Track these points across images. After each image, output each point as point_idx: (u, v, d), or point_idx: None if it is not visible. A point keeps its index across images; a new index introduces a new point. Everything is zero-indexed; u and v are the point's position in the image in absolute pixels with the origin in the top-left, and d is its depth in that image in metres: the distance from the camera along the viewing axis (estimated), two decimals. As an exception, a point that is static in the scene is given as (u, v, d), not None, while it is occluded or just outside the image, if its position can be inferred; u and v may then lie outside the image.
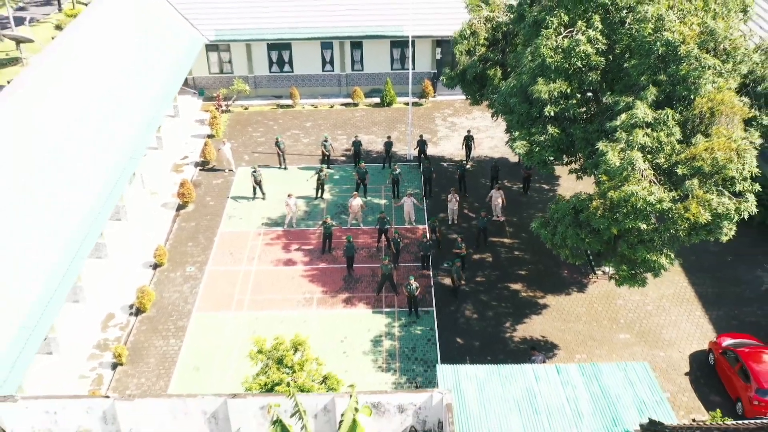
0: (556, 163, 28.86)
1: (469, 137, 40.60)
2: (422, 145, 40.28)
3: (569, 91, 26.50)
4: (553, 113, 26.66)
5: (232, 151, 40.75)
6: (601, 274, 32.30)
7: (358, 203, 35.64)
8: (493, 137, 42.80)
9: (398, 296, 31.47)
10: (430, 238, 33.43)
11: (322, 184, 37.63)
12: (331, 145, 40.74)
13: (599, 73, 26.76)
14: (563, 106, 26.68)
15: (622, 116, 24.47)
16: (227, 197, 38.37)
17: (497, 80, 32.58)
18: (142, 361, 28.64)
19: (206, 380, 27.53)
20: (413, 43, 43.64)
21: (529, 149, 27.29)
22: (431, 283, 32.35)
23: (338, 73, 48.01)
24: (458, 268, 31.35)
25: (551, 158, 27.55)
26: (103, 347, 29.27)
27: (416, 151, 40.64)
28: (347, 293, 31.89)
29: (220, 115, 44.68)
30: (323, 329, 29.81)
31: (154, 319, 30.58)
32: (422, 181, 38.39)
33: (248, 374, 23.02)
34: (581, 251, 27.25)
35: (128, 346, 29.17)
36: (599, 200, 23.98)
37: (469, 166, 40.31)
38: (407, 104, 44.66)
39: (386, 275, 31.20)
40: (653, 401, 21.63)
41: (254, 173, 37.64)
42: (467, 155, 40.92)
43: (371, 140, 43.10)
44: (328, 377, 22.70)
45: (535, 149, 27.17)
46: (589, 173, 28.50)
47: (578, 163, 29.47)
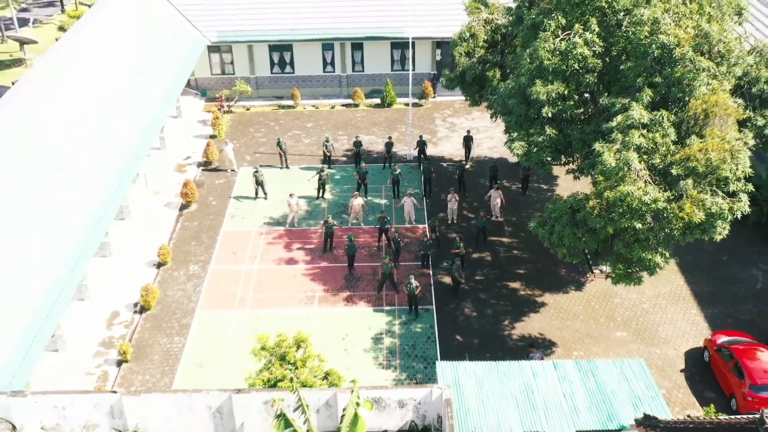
0: (553, 163, 29.26)
1: (468, 137, 41.03)
2: (422, 145, 40.67)
3: (567, 92, 26.93)
4: (550, 114, 27.11)
5: (234, 151, 41.18)
6: (598, 272, 32.71)
7: (359, 203, 36.08)
8: (492, 138, 43.22)
9: (398, 295, 31.92)
10: (430, 237, 33.83)
11: (323, 184, 38.05)
12: (332, 145, 41.19)
13: (596, 75, 27.18)
14: (561, 107, 27.12)
15: (618, 117, 24.92)
16: (229, 197, 38.80)
17: (496, 82, 32.89)
18: (146, 358, 29.10)
19: (210, 377, 27.94)
20: (413, 44, 44.01)
21: (527, 150, 27.73)
22: (431, 281, 32.80)
23: (339, 74, 48.40)
24: (458, 266, 31.77)
25: (549, 159, 27.97)
26: (108, 345, 29.73)
27: (416, 151, 41.07)
28: (348, 292, 32.33)
29: (222, 115, 45.11)
30: (325, 327, 30.25)
31: (158, 317, 31.04)
32: (422, 181, 38.80)
33: (251, 370, 23.43)
34: (578, 250, 27.67)
35: (133, 343, 29.61)
36: (596, 200, 24.41)
37: (468, 166, 40.69)
38: (407, 105, 45.03)
39: (387, 274, 31.64)
40: (648, 397, 22.06)
41: (256, 173, 38.07)
42: (466, 155, 41.36)
43: (372, 140, 43.53)
44: (330, 373, 23.11)
45: (533, 150, 27.60)
46: (586, 173, 28.91)
47: (575, 163, 29.91)
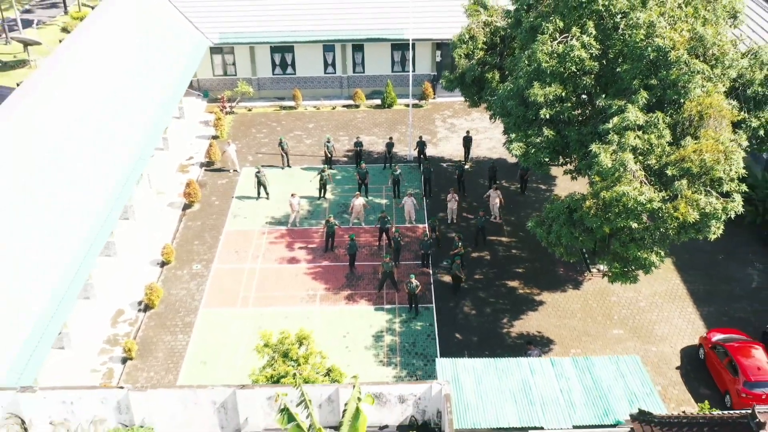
0: (551, 164, 29.73)
1: (468, 138, 41.47)
2: (422, 146, 41.13)
3: (564, 94, 27.42)
4: (548, 116, 27.59)
5: (236, 152, 41.63)
6: (595, 271, 33.16)
7: (360, 203, 36.55)
8: (491, 138, 43.67)
9: (399, 293, 32.38)
10: (430, 236, 34.25)
11: (324, 184, 38.51)
12: (333, 146, 41.64)
13: (593, 77, 27.64)
14: (558, 109, 27.59)
15: (614, 119, 25.39)
16: (232, 197, 39.28)
17: (495, 83, 33.27)
18: (151, 355, 29.57)
19: (213, 374, 28.36)
20: (413, 46, 44.51)
21: (525, 151, 28.21)
22: (431, 280, 33.26)
23: (340, 75, 48.84)
24: (458, 265, 32.24)
25: (547, 159, 28.46)
26: (113, 342, 30.20)
27: (416, 151, 41.52)
28: (349, 290, 32.79)
29: (224, 116, 45.56)
30: (326, 325, 30.72)
31: (162, 315, 31.52)
32: (422, 181, 39.26)
33: (255, 367, 23.92)
34: (576, 249, 28.14)
35: (137, 341, 30.09)
36: (592, 200, 24.88)
37: (468, 166, 41.14)
38: (407, 106, 45.49)
39: (387, 273, 32.11)
40: (643, 393, 22.50)
41: (258, 174, 38.54)
42: (466, 156, 41.81)
43: (372, 141, 43.98)
44: (332, 370, 23.62)
45: (531, 151, 28.08)
46: (583, 174, 29.35)
47: (573, 164, 30.38)
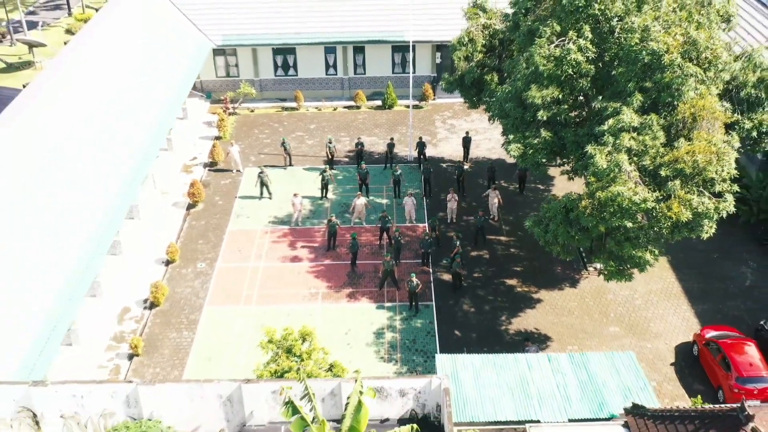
0: (548, 164, 30.36)
1: (467, 139, 42.06)
2: (421, 146, 41.74)
3: (561, 96, 28.02)
4: (545, 118, 28.19)
5: (239, 152, 42.23)
6: (592, 270, 33.77)
7: (362, 203, 37.17)
8: (490, 139, 44.26)
9: (399, 291, 33.00)
10: (430, 236, 34.85)
11: (326, 184, 39.13)
12: (334, 146, 42.24)
13: (589, 79, 28.21)
14: (555, 111, 28.20)
15: (609, 121, 26.00)
16: (235, 197, 39.88)
17: (494, 85, 33.84)
18: (156, 352, 30.19)
19: (218, 370, 28.93)
20: (414, 47, 45.16)
21: (523, 152, 28.82)
22: (431, 279, 33.88)
23: (341, 76, 49.44)
24: (458, 263, 32.86)
25: (544, 160, 29.07)
26: (119, 339, 30.83)
27: (416, 152, 42.10)
28: (351, 288, 33.41)
29: (227, 117, 46.15)
30: (328, 323, 31.32)
31: (167, 312, 32.15)
32: (422, 181, 39.88)
33: (259, 362, 24.54)
34: (572, 248, 28.75)
35: (144, 338, 30.70)
36: (588, 200, 25.49)
37: (467, 167, 41.74)
38: (408, 107, 46.09)
39: (388, 271, 32.74)
40: (637, 387, 23.15)
41: (261, 174, 39.16)
42: (465, 156, 42.40)
43: (373, 142, 44.57)
44: (334, 365, 24.24)
45: (528, 152, 28.70)
46: (579, 174, 29.98)
47: (569, 164, 30.97)
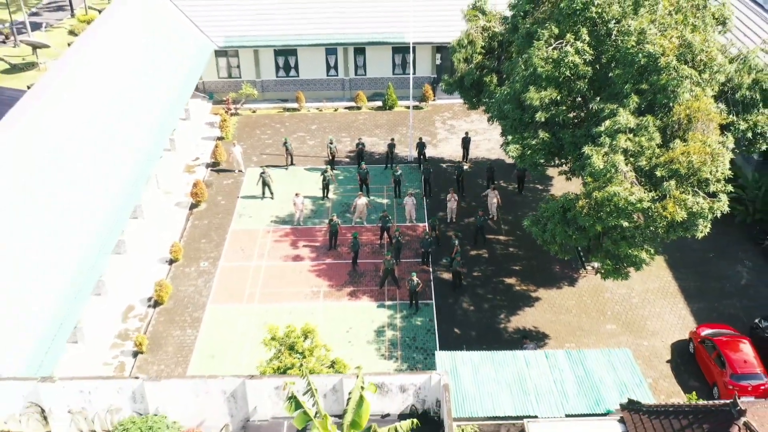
0: (546, 165, 30.80)
1: (466, 139, 42.51)
2: (421, 147, 42.19)
3: (559, 98, 28.49)
4: (543, 119, 28.66)
5: (241, 153, 42.68)
6: (590, 269, 34.23)
7: (363, 202, 37.65)
8: (490, 140, 44.70)
9: (400, 290, 33.46)
10: (430, 235, 35.32)
11: (327, 184, 39.58)
12: (335, 147, 42.70)
13: (587, 81, 28.67)
14: (553, 112, 28.67)
15: (606, 122, 26.45)
16: (237, 197, 40.34)
17: (493, 87, 34.27)
18: (161, 349, 30.66)
19: (221, 367, 29.33)
20: (414, 49, 45.62)
21: (521, 152, 29.28)
22: (431, 278, 34.34)
23: (342, 77, 49.90)
24: (459, 262, 33.31)
25: (542, 161, 29.53)
26: (124, 336, 31.29)
27: (417, 152, 42.54)
28: (352, 287, 33.87)
29: (229, 118, 46.62)
30: (329, 321, 31.77)
31: (171, 310, 32.62)
32: (422, 181, 40.32)
33: (262, 359, 25.00)
34: (570, 247, 29.20)
35: (148, 335, 31.16)
36: (585, 200, 25.95)
37: (467, 167, 42.17)
38: (408, 108, 46.54)
39: (388, 270, 33.21)
40: (633, 383, 23.59)
41: (263, 174, 39.62)
42: (465, 156, 42.84)
43: (374, 142, 45.02)
44: (335, 362, 24.72)
45: (527, 152, 29.15)
46: (577, 175, 30.42)
47: (567, 165, 31.41)
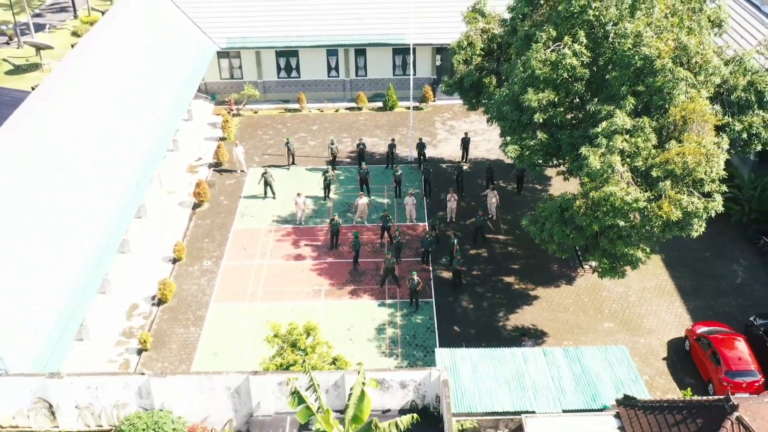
0: (544, 165, 31.23)
1: (466, 139, 42.96)
2: (421, 147, 42.65)
3: (557, 99, 28.94)
4: (541, 120, 29.13)
5: (243, 153, 43.13)
6: (587, 268, 34.67)
7: (364, 202, 38.13)
8: (489, 140, 45.15)
9: (400, 288, 33.92)
10: (430, 234, 35.78)
11: (328, 184, 40.03)
12: (336, 147, 43.15)
13: (584, 83, 29.11)
14: (551, 113, 29.13)
15: (603, 124, 26.89)
16: (240, 197, 40.81)
17: (492, 88, 34.75)
18: (164, 347, 31.12)
19: (224, 365, 29.79)
20: (414, 50, 46.06)
21: (519, 153, 29.74)
22: (431, 276, 34.80)
23: (343, 78, 50.35)
24: (459, 261, 33.77)
25: (540, 161, 29.96)
26: (128, 334, 31.76)
27: (416, 152, 42.97)
28: (353, 285, 34.34)
29: (231, 118, 47.07)
30: (331, 319, 32.22)
31: (174, 309, 33.08)
32: (422, 181, 40.77)
33: (265, 356, 25.49)
34: (568, 246, 29.63)
35: (152, 333, 31.61)
36: (582, 200, 26.40)
37: (466, 167, 42.61)
38: (408, 108, 47.00)
39: (389, 269, 33.68)
40: (629, 380, 24.14)
41: (265, 174, 40.09)
42: (464, 156, 43.28)
43: (375, 143, 45.47)
44: (337, 359, 25.21)
45: (525, 153, 29.60)
46: (574, 175, 30.86)
47: (565, 165, 31.86)
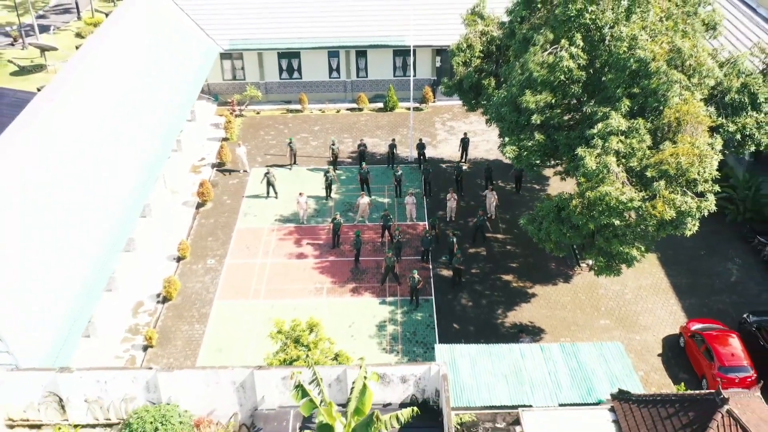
0: (542, 166, 31.82)
1: (465, 140, 43.55)
2: (421, 147, 43.24)
3: (554, 101, 29.55)
4: (539, 121, 29.72)
5: (246, 153, 43.75)
6: (584, 266, 35.29)
7: (365, 202, 38.75)
8: (488, 141, 45.76)
9: (400, 286, 34.55)
10: (430, 233, 36.38)
11: (330, 184, 40.64)
12: (338, 147, 43.75)
13: (581, 85, 29.69)
14: (548, 115, 29.74)
15: (599, 125, 27.50)
16: (242, 196, 41.43)
17: (491, 89, 35.32)
18: (170, 343, 31.75)
19: (228, 361, 30.33)
20: (414, 52, 46.69)
21: (518, 153, 30.35)
22: (431, 275, 35.42)
23: (344, 79, 50.98)
24: (458, 259, 34.39)
25: (538, 162, 30.55)
26: (134, 331, 32.39)
27: (416, 153, 43.56)
28: (354, 283, 34.95)
29: (234, 119, 47.69)
30: (333, 316, 32.83)
31: (179, 306, 33.70)
32: (422, 181, 41.38)
33: (269, 351, 26.09)
34: (565, 245, 30.26)
35: (157, 330, 32.23)
36: (578, 199, 27.03)
37: (466, 167, 43.21)
38: (409, 109, 47.61)
39: (390, 267, 34.31)
40: (624, 375, 24.68)
41: (267, 174, 40.70)
42: (463, 156, 43.86)
43: (375, 143, 46.09)
44: (339, 354, 25.82)
45: (523, 153, 30.21)
46: (571, 175, 31.47)
47: (562, 166, 32.50)
